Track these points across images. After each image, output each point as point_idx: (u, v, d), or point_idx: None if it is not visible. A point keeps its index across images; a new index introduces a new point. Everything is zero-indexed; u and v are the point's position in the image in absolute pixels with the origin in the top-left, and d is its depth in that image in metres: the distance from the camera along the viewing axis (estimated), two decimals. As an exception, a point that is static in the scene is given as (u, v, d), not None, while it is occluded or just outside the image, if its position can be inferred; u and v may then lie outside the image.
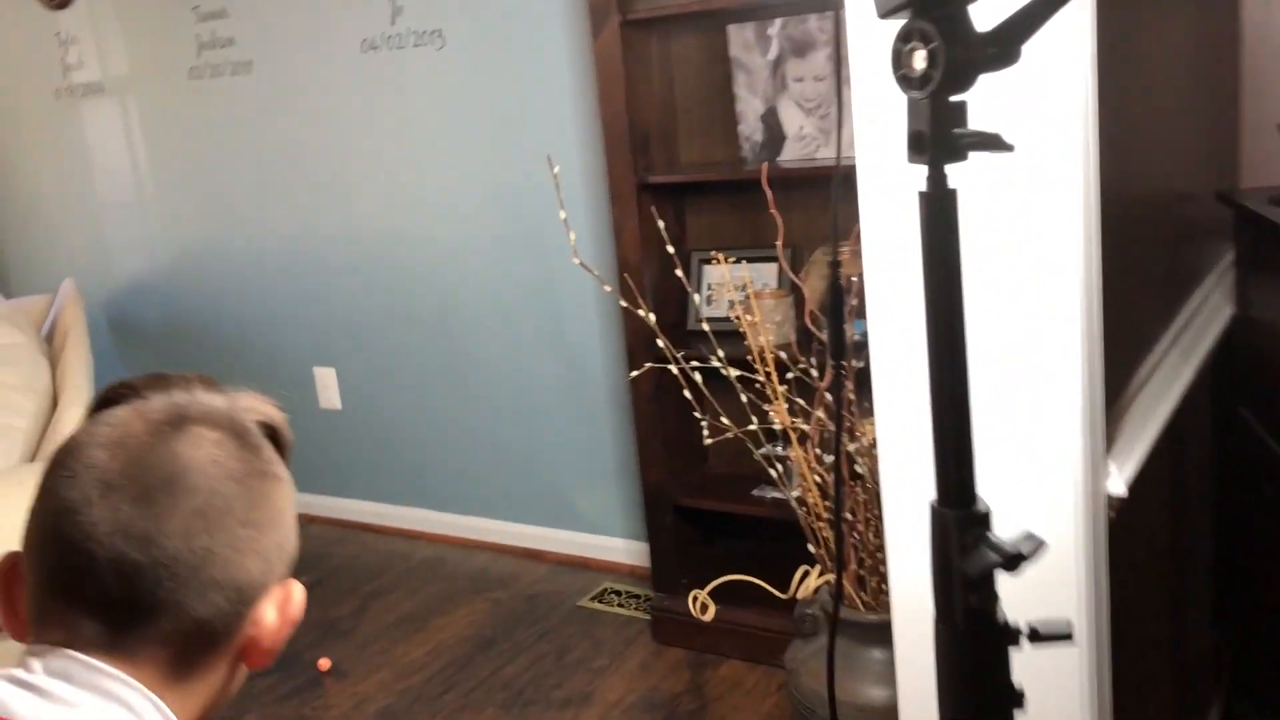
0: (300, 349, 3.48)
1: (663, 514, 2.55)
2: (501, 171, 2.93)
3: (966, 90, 0.72)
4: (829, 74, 2.28)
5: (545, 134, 2.83)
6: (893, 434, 1.32)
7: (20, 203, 4.03)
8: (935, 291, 0.78)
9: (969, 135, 0.72)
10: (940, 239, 0.75)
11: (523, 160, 2.89)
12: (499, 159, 2.93)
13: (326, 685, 2.60)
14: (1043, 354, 1.18)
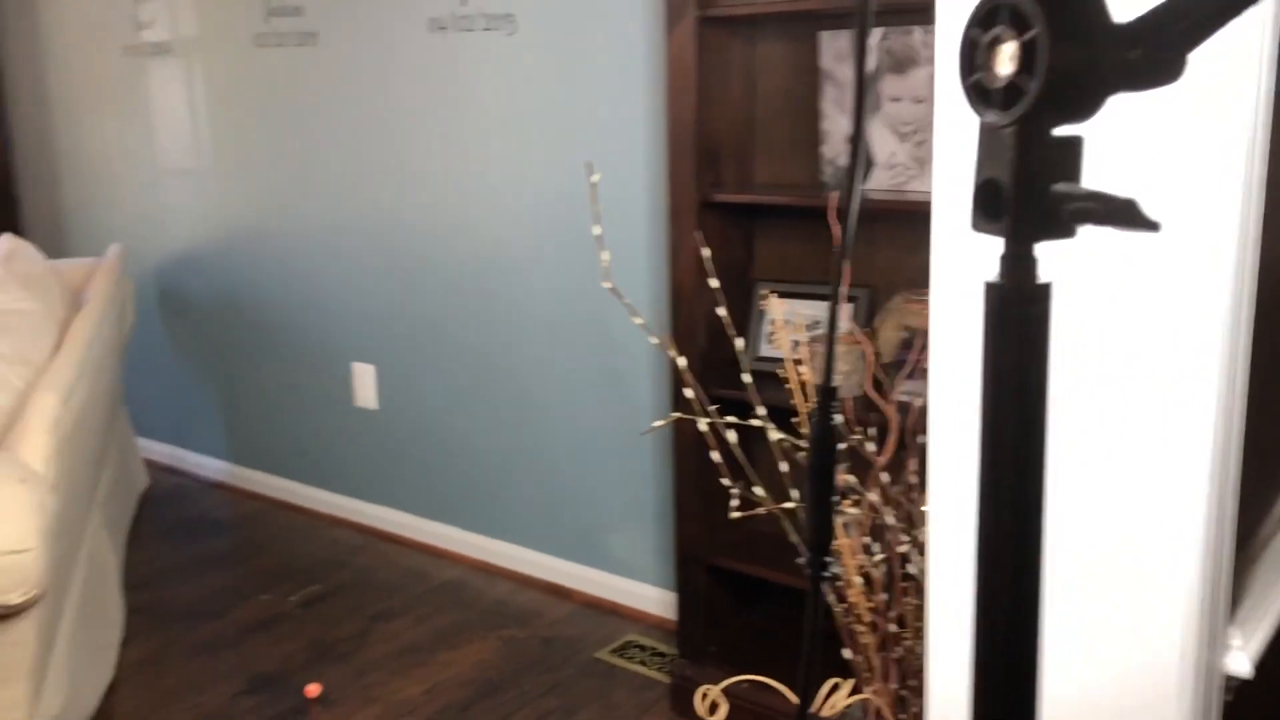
0: (342, 340, 3.28)
1: (695, 573, 2.27)
2: (562, 173, 2.69)
3: (1085, 116, 0.43)
4: (930, 97, 1.98)
5: (612, 137, 2.58)
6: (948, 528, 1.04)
7: (84, 160, 3.91)
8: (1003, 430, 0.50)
9: (1082, 197, 0.43)
10: (1017, 355, 0.48)
11: (583, 166, 2.64)
12: (561, 159, 2.68)
13: (312, 715, 2.38)
14: (1155, 483, 0.89)
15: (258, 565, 3.12)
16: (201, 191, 3.54)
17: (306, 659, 2.60)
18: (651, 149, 2.52)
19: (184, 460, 3.86)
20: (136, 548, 3.23)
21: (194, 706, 2.41)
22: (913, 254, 2.12)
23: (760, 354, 2.24)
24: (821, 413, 0.67)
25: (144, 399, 3.91)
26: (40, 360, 2.28)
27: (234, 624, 2.77)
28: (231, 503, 3.60)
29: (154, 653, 2.64)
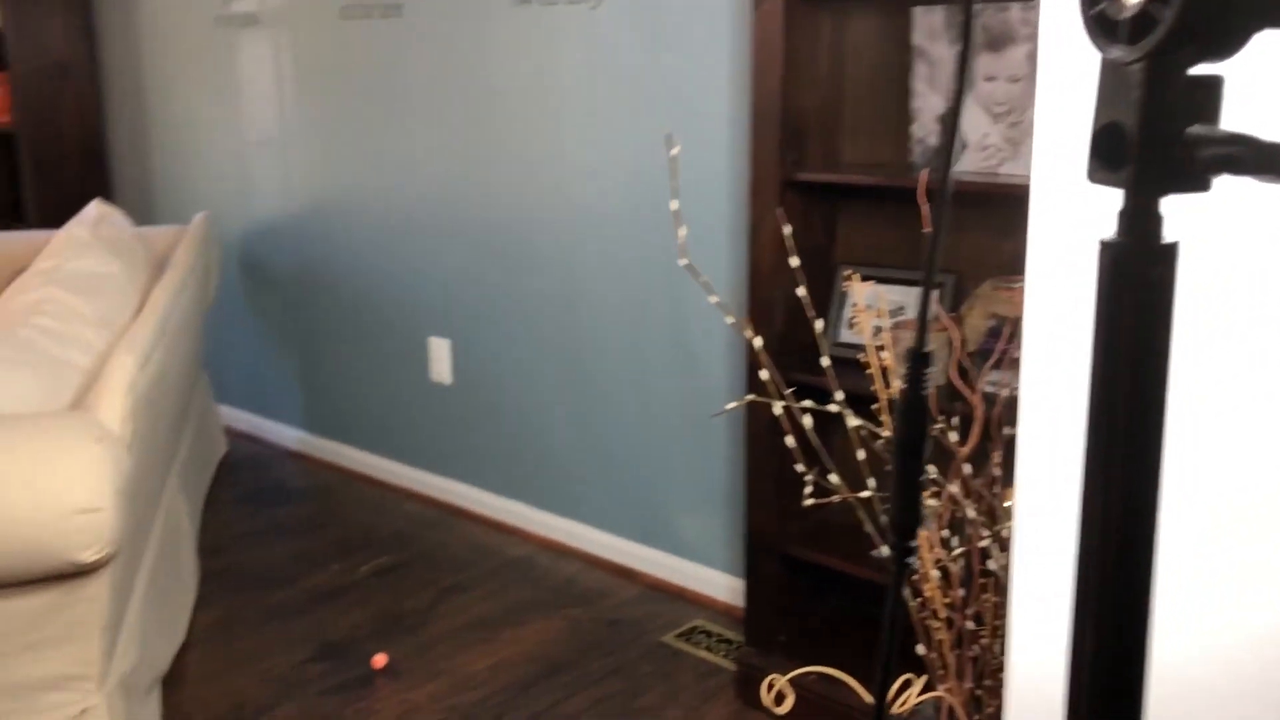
0: (418, 314, 3.28)
1: (766, 561, 2.22)
2: (642, 148, 2.64)
3: (1226, 54, 0.38)
4: (1027, 75, 1.90)
5: (694, 112, 2.53)
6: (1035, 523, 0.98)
7: (176, 130, 3.97)
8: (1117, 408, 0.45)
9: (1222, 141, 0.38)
10: (1135, 323, 0.42)
11: (663, 136, 2.60)
12: (641, 134, 2.64)
13: (377, 685, 2.38)
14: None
15: (330, 534, 3.14)
16: (285, 162, 3.57)
17: (374, 629, 2.61)
18: (734, 125, 2.47)
19: (262, 428, 3.91)
20: (213, 513, 3.28)
21: (263, 671, 2.43)
22: (1004, 239, 2.04)
23: (840, 339, 2.18)
24: (912, 382, 0.62)
25: (225, 366, 3.97)
26: (122, 323, 2.31)
27: (305, 592, 2.80)
28: (307, 472, 3.64)
29: (226, 617, 2.67)
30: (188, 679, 2.41)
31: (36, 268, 2.43)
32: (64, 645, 1.78)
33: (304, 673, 2.43)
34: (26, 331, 2.02)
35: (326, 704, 2.31)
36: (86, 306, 2.22)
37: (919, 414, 0.62)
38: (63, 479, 1.62)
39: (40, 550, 1.63)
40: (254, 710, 2.29)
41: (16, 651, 1.76)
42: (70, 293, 2.25)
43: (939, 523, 1.42)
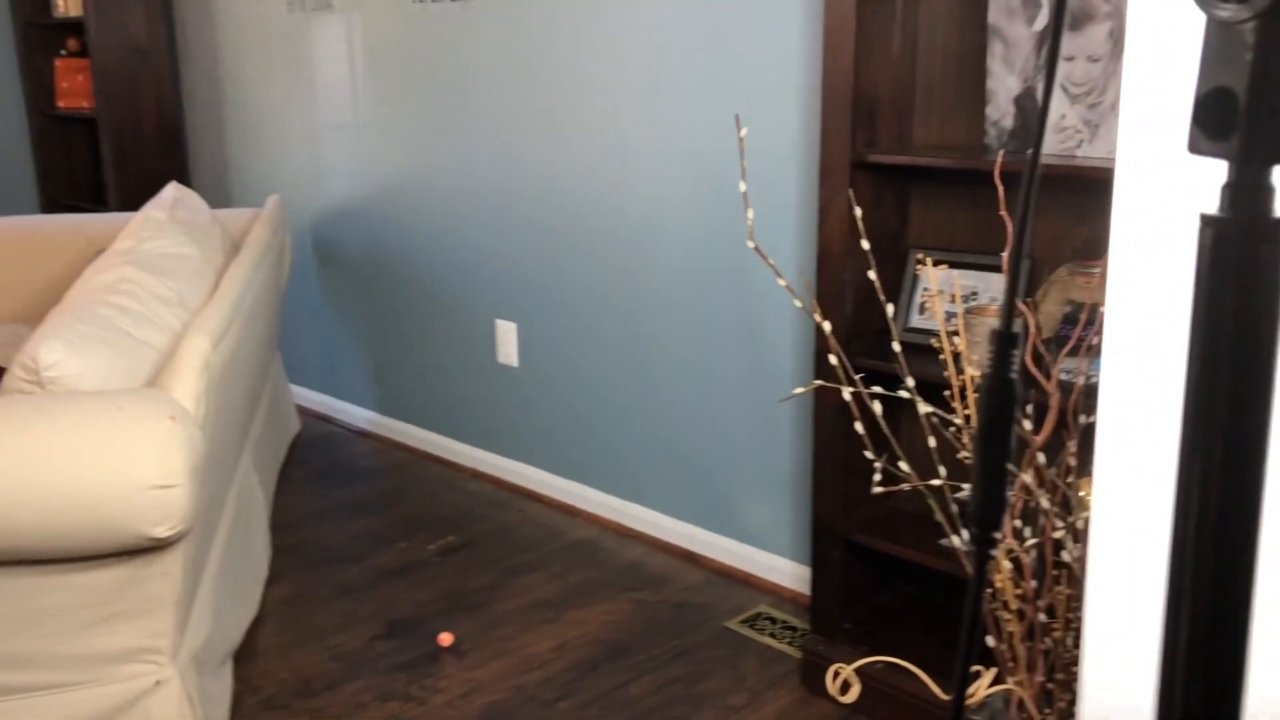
0: (486, 297, 3.30)
1: (831, 548, 2.20)
2: (710, 129, 2.62)
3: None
4: (1106, 55, 1.84)
5: (763, 93, 2.50)
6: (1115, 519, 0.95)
7: (250, 114, 4.03)
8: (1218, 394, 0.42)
9: None
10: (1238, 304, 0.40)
11: (732, 119, 2.57)
12: (709, 114, 2.62)
13: (442, 662, 2.41)
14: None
15: (398, 513, 3.18)
16: (358, 146, 3.61)
17: (441, 608, 2.63)
18: (803, 106, 2.43)
19: (334, 408, 3.97)
20: (285, 491, 3.33)
21: (332, 647, 2.47)
22: (1080, 224, 1.99)
23: (910, 324, 2.15)
24: (997, 365, 0.60)
25: (299, 348, 4.04)
26: (197, 304, 2.35)
27: (373, 569, 2.83)
28: (377, 451, 3.68)
29: (296, 593, 2.72)
30: (258, 653, 2.46)
31: (115, 248, 2.48)
32: (138, 618, 1.82)
33: (371, 649, 2.46)
34: (105, 310, 2.06)
35: (393, 681, 2.34)
36: (163, 287, 2.26)
37: (1004, 398, 0.60)
38: (138, 455, 1.65)
39: (115, 525, 1.67)
40: (322, 685, 2.32)
41: (92, 624, 1.80)
42: (147, 273, 2.30)
43: (1011, 513, 1.39)
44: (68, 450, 1.64)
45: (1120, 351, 0.92)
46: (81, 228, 3.60)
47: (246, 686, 2.32)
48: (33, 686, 1.80)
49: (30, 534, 1.65)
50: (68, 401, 1.73)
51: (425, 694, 2.29)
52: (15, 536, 1.65)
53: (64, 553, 1.69)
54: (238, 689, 2.31)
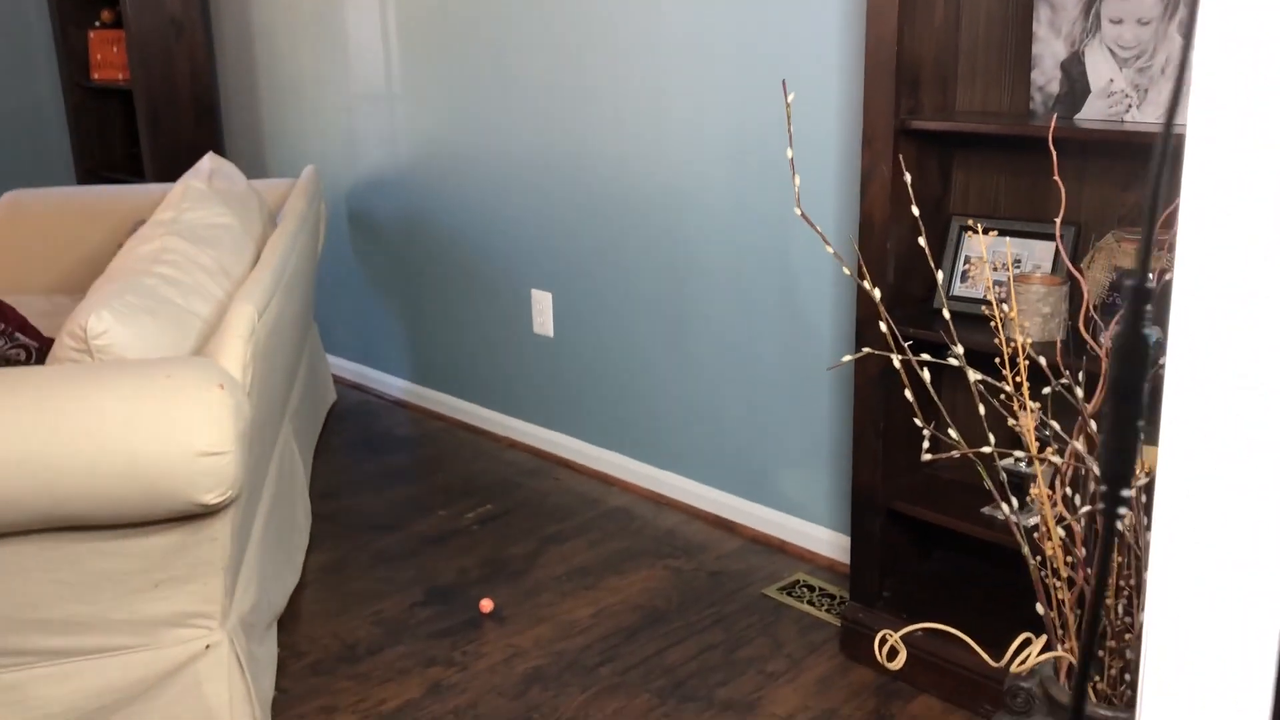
0: (521, 267, 3.30)
1: (871, 517, 2.20)
2: (751, 98, 2.61)
3: None
4: (1157, 18, 1.82)
5: (804, 59, 2.48)
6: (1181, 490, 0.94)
7: (284, 85, 4.03)
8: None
9: None
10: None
11: (777, 87, 2.56)
12: (748, 82, 2.60)
13: (484, 628, 2.43)
14: None
15: (436, 482, 3.20)
16: (391, 116, 3.61)
17: (480, 575, 2.66)
18: (845, 72, 2.41)
19: (369, 378, 3.99)
20: (323, 459, 3.36)
21: (375, 613, 2.50)
22: (1126, 190, 1.97)
23: (953, 293, 2.14)
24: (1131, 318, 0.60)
25: (334, 318, 4.06)
26: (239, 274, 2.36)
27: (413, 537, 2.86)
28: (413, 420, 3.71)
29: (338, 559, 2.75)
30: (302, 618, 2.49)
31: (156, 218, 2.50)
32: (188, 583, 1.85)
33: (413, 615, 2.49)
34: (150, 280, 2.08)
35: (435, 646, 2.36)
36: (205, 256, 2.28)
37: (1138, 353, 0.59)
38: (189, 423, 1.67)
39: (166, 491, 1.69)
40: (366, 650, 2.35)
41: (145, 589, 1.83)
42: (190, 243, 2.31)
43: (1062, 479, 1.39)
44: (119, 418, 1.66)
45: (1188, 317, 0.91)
46: (119, 199, 3.63)
47: (291, 652, 2.36)
48: (87, 650, 1.83)
49: (82, 500, 1.67)
50: (117, 370, 1.75)
51: (467, 659, 2.32)
52: (68, 503, 1.67)
53: (116, 519, 1.72)
54: (282, 654, 2.35)
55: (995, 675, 2.05)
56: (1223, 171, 0.88)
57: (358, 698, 2.20)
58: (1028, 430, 1.39)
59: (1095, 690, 1.39)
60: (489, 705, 2.16)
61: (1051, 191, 2.08)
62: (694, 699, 2.17)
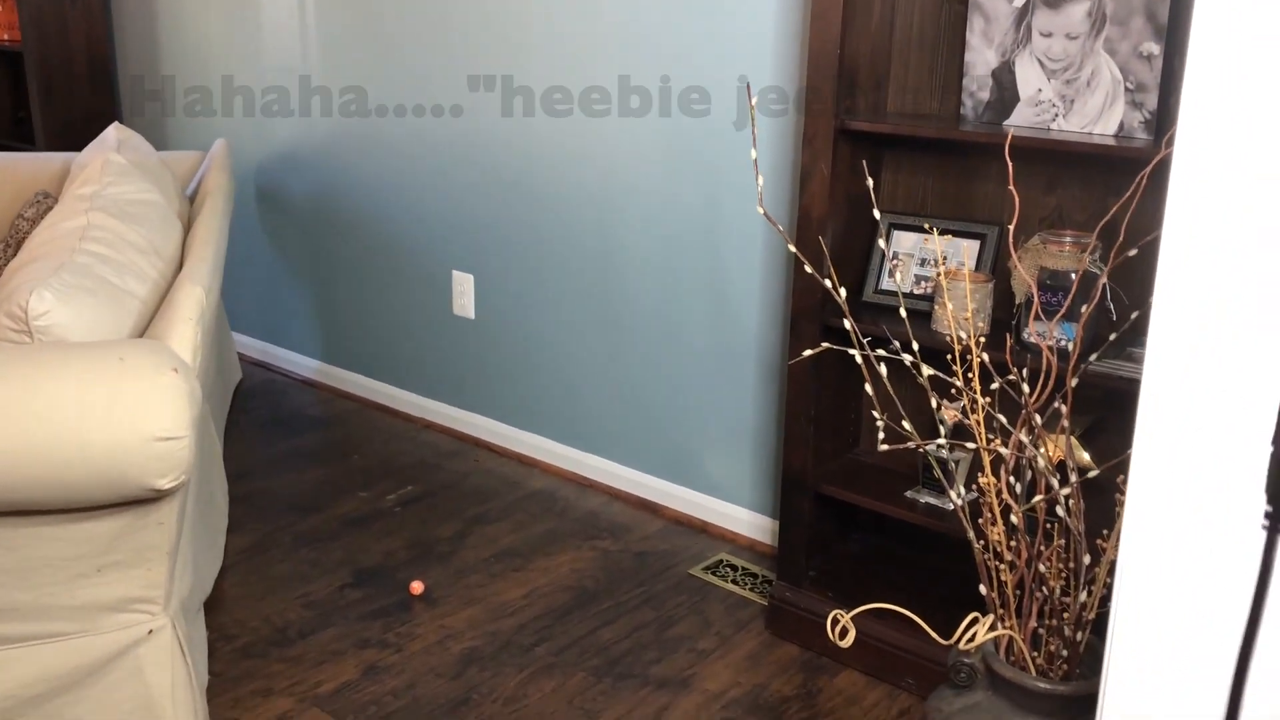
0: (442, 249, 3.30)
1: (800, 500, 2.30)
2: (683, 90, 2.66)
3: None
4: (1084, 34, 1.93)
5: (740, 56, 2.54)
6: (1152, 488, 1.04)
7: (189, 52, 3.92)
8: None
9: None
10: None
11: (708, 81, 2.62)
12: (682, 75, 2.66)
13: (415, 610, 2.45)
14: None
15: (353, 463, 3.19)
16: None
17: (408, 557, 2.67)
18: (780, 73, 2.49)
19: (275, 356, 3.93)
20: (233, 439, 3.31)
21: (303, 595, 2.49)
22: (1049, 193, 2.10)
23: (880, 287, 2.24)
24: None
25: (238, 294, 3.98)
26: (170, 252, 2.32)
27: (334, 518, 2.85)
28: (323, 400, 3.67)
29: (259, 542, 2.72)
30: (227, 601, 2.47)
31: (76, 192, 2.42)
32: (134, 568, 1.83)
33: (343, 597, 2.49)
34: (83, 258, 2.03)
35: (367, 628, 2.37)
36: (134, 234, 2.23)
37: None
38: (144, 407, 1.65)
39: (120, 476, 1.66)
40: (297, 632, 2.35)
41: (89, 574, 1.80)
42: (117, 219, 2.25)
43: (1006, 469, 1.49)
44: (71, 402, 1.63)
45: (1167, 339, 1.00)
46: (12, 167, 3.48)
47: (220, 635, 2.34)
48: (27, 636, 1.80)
49: (32, 486, 1.64)
50: (66, 352, 1.71)
51: (401, 640, 2.33)
52: (13, 489, 1.63)
53: (65, 504, 1.69)
54: (212, 638, 2.33)
55: (915, 650, 2.17)
56: (1209, 192, 0.97)
57: (293, 680, 2.20)
58: (978, 423, 1.49)
59: (1035, 664, 1.50)
60: (427, 686, 2.19)
61: (975, 193, 2.19)
62: (629, 676, 2.23)
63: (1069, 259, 1.89)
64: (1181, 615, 1.01)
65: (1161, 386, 0.99)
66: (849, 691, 2.20)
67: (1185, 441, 0.98)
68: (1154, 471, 1.01)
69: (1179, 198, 0.96)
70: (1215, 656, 0.99)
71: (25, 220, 3.22)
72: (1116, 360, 1.83)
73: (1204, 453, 0.98)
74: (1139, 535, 1.03)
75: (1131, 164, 1.95)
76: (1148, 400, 1.01)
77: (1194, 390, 0.97)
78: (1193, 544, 1.00)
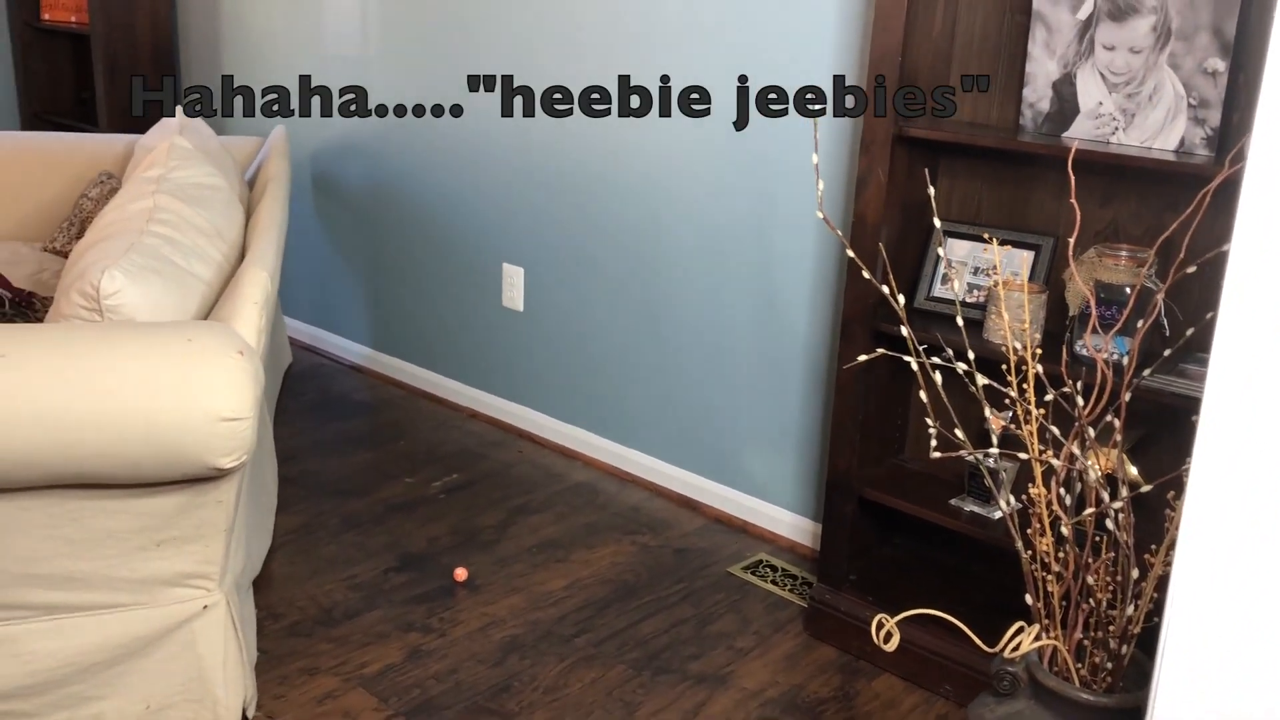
0: (493, 241, 3.33)
1: (844, 504, 2.31)
2: (737, 90, 2.67)
3: None
4: (1148, 48, 1.93)
5: (798, 58, 2.56)
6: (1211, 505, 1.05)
7: (248, 40, 3.98)
8: None
9: None
10: None
11: (765, 80, 2.63)
12: (737, 74, 2.67)
13: (458, 596, 2.48)
14: None
15: (398, 448, 3.23)
16: (363, 80, 3.59)
17: (451, 543, 2.71)
18: (832, 72, 2.50)
19: (325, 341, 3.99)
20: (282, 421, 3.37)
21: (348, 577, 2.53)
22: (1104, 207, 2.10)
23: (932, 294, 2.24)
24: None
25: (289, 279, 4.04)
26: (233, 236, 2.37)
27: (380, 503, 2.89)
28: (371, 386, 3.72)
29: (307, 523, 2.77)
30: (275, 580, 2.51)
31: (143, 175, 2.48)
32: (191, 544, 1.87)
33: (387, 581, 2.53)
34: (151, 240, 2.08)
35: (411, 612, 2.41)
36: (199, 217, 2.28)
37: None
38: (210, 388, 1.69)
39: (184, 455, 1.71)
40: (343, 614, 2.39)
41: (149, 548, 1.85)
42: (182, 202, 2.30)
43: (1057, 480, 1.50)
44: (140, 380, 1.67)
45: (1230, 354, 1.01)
46: (78, 147, 3.56)
47: (268, 613, 2.39)
48: (88, 606, 1.85)
49: (98, 460, 1.69)
50: (136, 332, 1.76)
51: (445, 626, 2.37)
52: (83, 462, 1.68)
53: (129, 479, 1.73)
54: (260, 616, 2.37)
55: (954, 656, 2.18)
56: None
57: (338, 660, 2.24)
58: (1030, 434, 1.50)
59: (1078, 676, 1.51)
60: (469, 671, 2.22)
61: (1031, 203, 2.19)
62: (668, 671, 2.26)
63: (1124, 273, 1.89)
64: (1235, 629, 1.02)
65: (1223, 400, 1.00)
66: (886, 695, 2.21)
67: (1244, 455, 0.99)
68: (1212, 485, 1.02)
69: (1250, 213, 0.97)
70: (1269, 671, 1.00)
71: (89, 200, 3.29)
72: (1168, 376, 1.84)
73: (1263, 467, 0.99)
74: (1194, 548, 1.04)
75: (1192, 180, 1.95)
76: (1209, 413, 1.02)
77: (1255, 404, 0.98)
78: (1248, 558, 1.01)
